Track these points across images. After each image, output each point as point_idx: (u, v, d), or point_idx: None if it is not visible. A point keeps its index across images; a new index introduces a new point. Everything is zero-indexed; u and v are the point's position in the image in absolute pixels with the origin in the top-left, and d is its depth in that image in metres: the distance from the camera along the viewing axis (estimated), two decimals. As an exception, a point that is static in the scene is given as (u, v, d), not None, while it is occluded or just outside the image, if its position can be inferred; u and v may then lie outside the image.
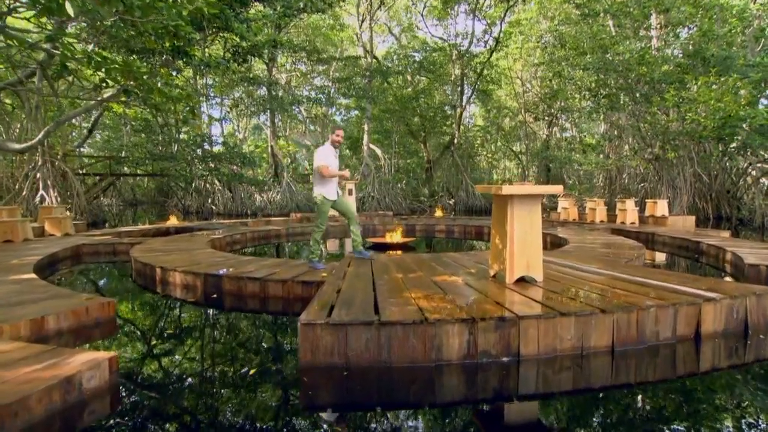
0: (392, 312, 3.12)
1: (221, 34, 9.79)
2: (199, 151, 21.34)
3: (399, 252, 9.73)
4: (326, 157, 5.49)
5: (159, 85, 4.89)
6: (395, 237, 9.90)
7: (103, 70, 4.52)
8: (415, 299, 3.50)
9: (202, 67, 9.13)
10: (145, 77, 4.83)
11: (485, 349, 2.97)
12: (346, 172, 5.67)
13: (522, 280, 4.10)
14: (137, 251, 6.79)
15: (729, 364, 3.08)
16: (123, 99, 6.06)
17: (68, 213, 11.59)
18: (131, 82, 4.89)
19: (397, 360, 2.91)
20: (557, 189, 3.99)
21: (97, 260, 7.80)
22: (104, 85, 4.98)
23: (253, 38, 9.62)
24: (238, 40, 9.75)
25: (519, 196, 3.95)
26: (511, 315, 3.02)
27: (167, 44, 5.21)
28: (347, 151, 35.59)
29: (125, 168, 25.27)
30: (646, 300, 3.35)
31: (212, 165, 21.29)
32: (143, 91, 4.98)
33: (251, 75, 19.13)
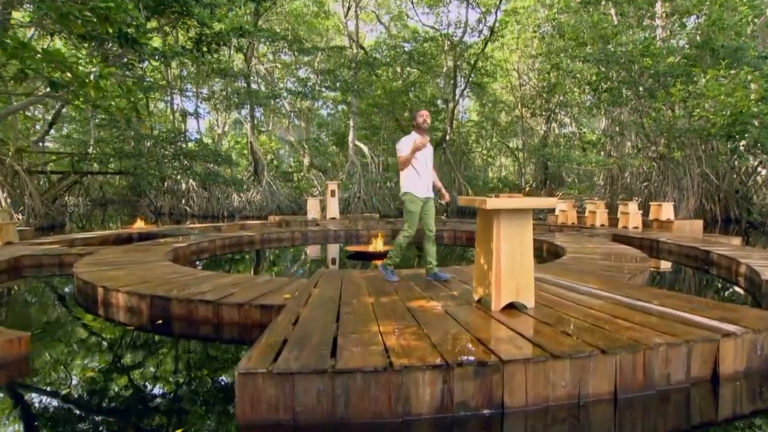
0: (352, 355, 2.74)
1: (184, 21, 9.33)
2: (172, 148, 20.81)
3: (381, 261, 9.36)
4: (405, 145, 4.83)
5: (93, 77, 4.47)
6: (377, 245, 9.52)
7: (20, 58, 4.08)
8: (384, 334, 3.12)
9: (157, 57, 8.66)
10: (80, 68, 4.41)
11: (463, 400, 2.60)
12: (419, 142, 4.76)
13: (511, 306, 3.74)
14: (82, 265, 6.35)
15: (753, 410, 2.78)
16: (55, 94, 5.59)
17: (18, 217, 11.05)
18: (59, 74, 4.46)
19: (356, 415, 2.53)
20: (551, 202, 3.63)
21: (39, 274, 7.33)
22: (23, 75, 4.53)
23: (216, 25, 9.18)
24: (199, 26, 9.30)
25: (507, 210, 3.59)
26: (493, 359, 2.65)
27: (109, 30, 4.78)
28: (333, 147, 35.20)
29: (94, 165, 24.68)
30: (654, 336, 3.00)
31: (186, 163, 20.79)
32: (77, 84, 4.53)
33: (223, 66, 18.63)
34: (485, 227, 3.82)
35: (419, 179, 4.85)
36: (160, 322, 4.53)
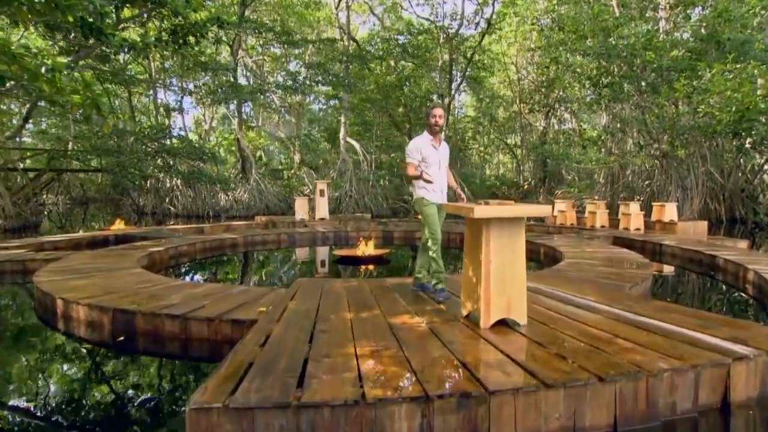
0: (321, 384, 2.52)
1: (158, 11, 9.02)
2: (154, 145, 20.47)
3: (371, 266, 9.18)
4: (413, 151, 4.53)
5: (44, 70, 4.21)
6: (367, 249, 9.30)
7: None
8: (360, 358, 2.91)
9: (126, 49, 8.38)
10: (28, 60, 4.13)
11: (444, 436, 2.39)
12: (431, 174, 4.47)
13: (502, 322, 3.54)
14: (44, 273, 6.09)
15: (766, 443, 2.58)
16: (1, 88, 5.31)
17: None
18: (6, 66, 4.18)
19: (324, 455, 2.31)
20: (544, 210, 3.42)
21: (1, 282, 7.07)
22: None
23: (193, 15, 8.89)
24: (173, 17, 8.99)
25: (497, 219, 3.37)
26: (479, 389, 2.44)
27: (70, 19, 4.53)
28: (325, 144, 34.92)
29: (74, 162, 24.29)
30: (657, 360, 2.80)
31: (168, 161, 20.48)
32: (28, 77, 4.27)
33: (205, 59, 18.30)
34: (473, 237, 3.61)
35: (432, 184, 4.55)
36: (122, 338, 4.30)
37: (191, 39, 9.23)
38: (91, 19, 4.98)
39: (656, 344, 3.08)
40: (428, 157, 4.51)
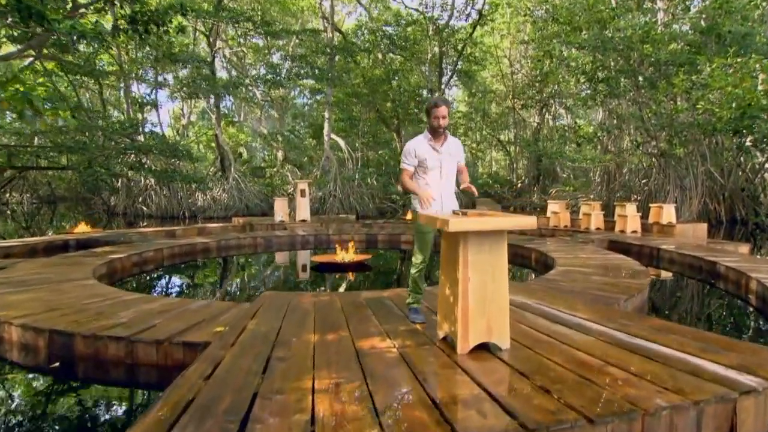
0: (266, 430, 2.24)
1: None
2: (124, 142, 20.00)
3: (350, 274, 8.92)
4: (406, 155, 3.99)
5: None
6: (347, 254, 9.03)
7: None
8: (317, 394, 2.64)
9: (75, 37, 7.96)
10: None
11: (408, 492, 2.13)
12: (429, 193, 3.89)
13: (483, 346, 3.28)
14: (-17, 286, 5.74)
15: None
16: None
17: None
18: None
19: None
20: (528, 222, 3.17)
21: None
22: None
23: (152, 1, 8.56)
24: (131, 2, 8.59)
25: (476, 233, 3.11)
26: (448, 438, 2.17)
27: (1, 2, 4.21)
28: (310, 140, 34.53)
29: (38, 159, 23.71)
30: (655, 394, 2.55)
31: (140, 158, 20.02)
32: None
33: (175, 50, 17.85)
34: (450, 251, 3.35)
35: (435, 190, 4.02)
36: (56, 365, 3.98)
37: (153, 27, 8.84)
38: (29, 2, 4.64)
39: (653, 374, 2.84)
40: (426, 161, 3.92)
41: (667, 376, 2.80)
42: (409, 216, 17.13)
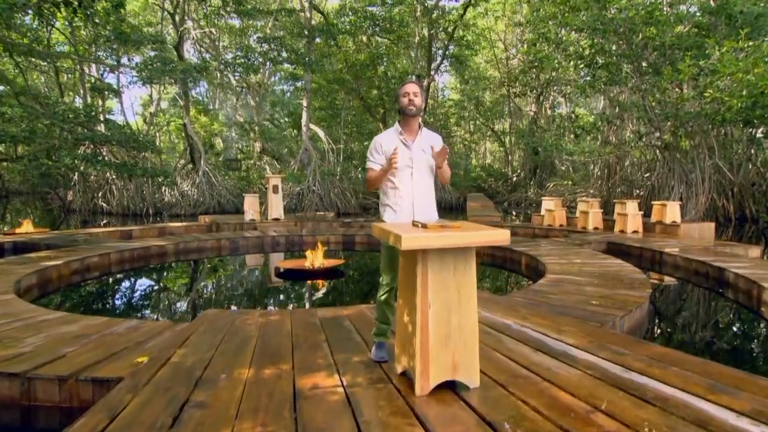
0: None
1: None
2: (81, 131, 19.37)
3: (320, 283, 8.53)
4: (372, 151, 3.54)
5: None
6: (317, 260, 8.61)
7: None
8: (228, 458, 2.23)
9: None
10: None
11: None
12: (394, 157, 3.27)
13: (448, 384, 2.89)
14: None
15: None
16: None
17: None
18: None
19: None
20: (501, 237, 2.77)
21: None
22: None
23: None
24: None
25: (437, 251, 2.72)
26: None
27: None
28: (291, 130, 33.99)
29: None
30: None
31: (98, 150, 19.41)
32: None
33: (124, 29, 17.12)
34: (407, 272, 2.96)
35: (400, 200, 3.47)
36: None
37: (87, 3, 8.29)
38: None
39: (650, 424, 2.46)
40: (399, 159, 3.34)
41: (666, 428, 2.43)
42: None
